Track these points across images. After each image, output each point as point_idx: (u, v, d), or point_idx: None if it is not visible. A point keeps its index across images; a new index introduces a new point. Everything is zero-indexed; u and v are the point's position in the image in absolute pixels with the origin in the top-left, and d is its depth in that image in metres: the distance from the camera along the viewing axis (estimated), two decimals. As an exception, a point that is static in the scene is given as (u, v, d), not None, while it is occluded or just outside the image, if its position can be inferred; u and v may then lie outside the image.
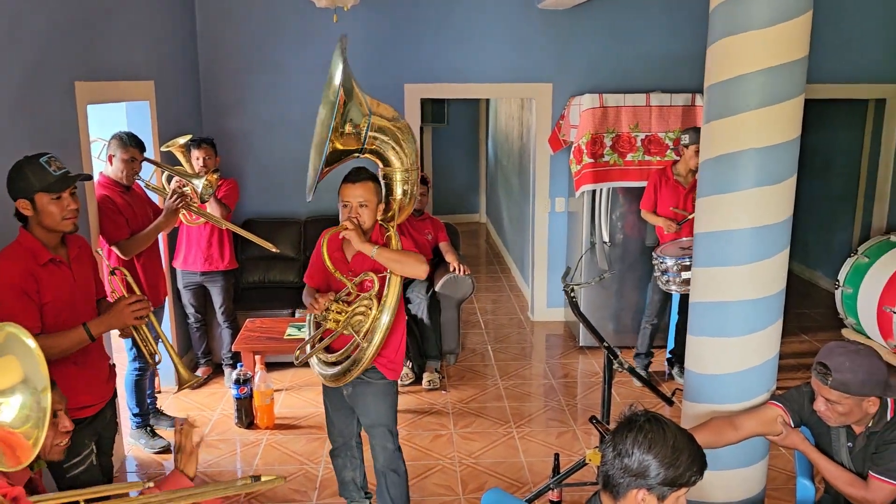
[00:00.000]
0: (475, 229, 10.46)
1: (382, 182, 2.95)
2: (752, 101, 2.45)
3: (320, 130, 2.85)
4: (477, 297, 7.10)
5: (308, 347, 2.99)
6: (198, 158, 4.53)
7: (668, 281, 4.39)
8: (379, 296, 2.85)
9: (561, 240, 6.12)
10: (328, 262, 2.89)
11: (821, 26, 5.81)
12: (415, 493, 3.68)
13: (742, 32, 2.45)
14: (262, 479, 1.99)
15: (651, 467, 1.77)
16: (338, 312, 2.87)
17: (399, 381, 4.92)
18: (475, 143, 10.63)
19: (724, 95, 2.52)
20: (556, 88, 5.86)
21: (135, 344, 3.57)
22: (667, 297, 4.90)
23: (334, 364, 2.96)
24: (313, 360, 3.04)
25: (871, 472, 2.35)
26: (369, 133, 2.79)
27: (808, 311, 6.44)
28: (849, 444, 2.46)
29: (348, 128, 2.71)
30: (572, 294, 3.26)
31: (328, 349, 3.01)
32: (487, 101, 10.07)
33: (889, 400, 2.35)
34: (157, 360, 2.82)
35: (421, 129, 10.06)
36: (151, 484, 1.98)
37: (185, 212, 4.41)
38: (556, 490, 3.51)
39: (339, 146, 2.74)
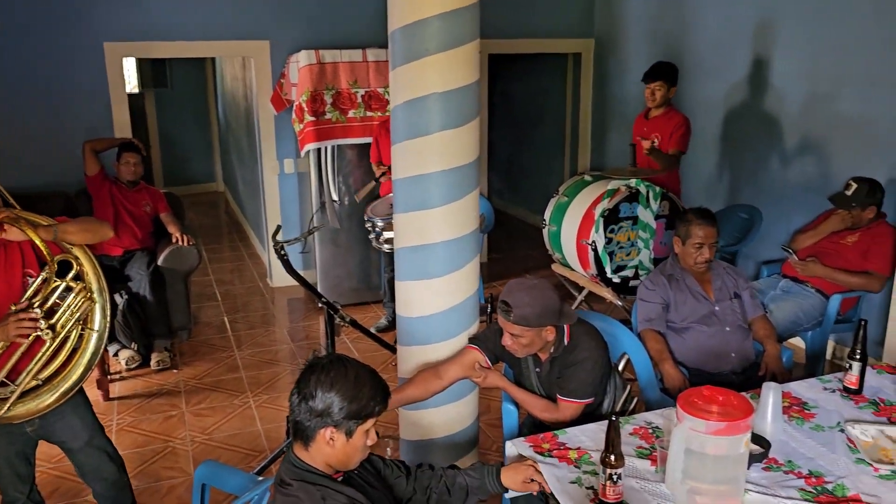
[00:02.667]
0: (213, 199, 9.95)
1: None
2: (432, 46, 2.50)
3: None
4: (214, 269, 6.78)
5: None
6: None
7: (377, 240, 4.43)
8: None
9: (293, 202, 6.00)
10: (48, 254, 2.31)
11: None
12: (142, 481, 3.44)
13: (418, -22, 2.48)
14: None
15: (334, 404, 1.78)
16: (48, 318, 2.33)
17: (124, 365, 4.60)
18: (205, 108, 10.02)
19: (406, 41, 2.55)
20: (273, 46, 5.65)
21: None
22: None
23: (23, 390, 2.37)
24: None
25: (558, 395, 2.58)
26: None
27: (532, 251, 6.96)
28: (537, 370, 2.67)
29: None
30: (283, 252, 3.18)
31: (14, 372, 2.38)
32: (213, 61, 9.52)
33: (565, 326, 2.57)
34: None
35: (141, 94, 9.31)
36: None
37: None
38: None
39: None
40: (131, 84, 9.06)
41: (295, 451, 1.88)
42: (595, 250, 4.28)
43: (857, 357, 2.55)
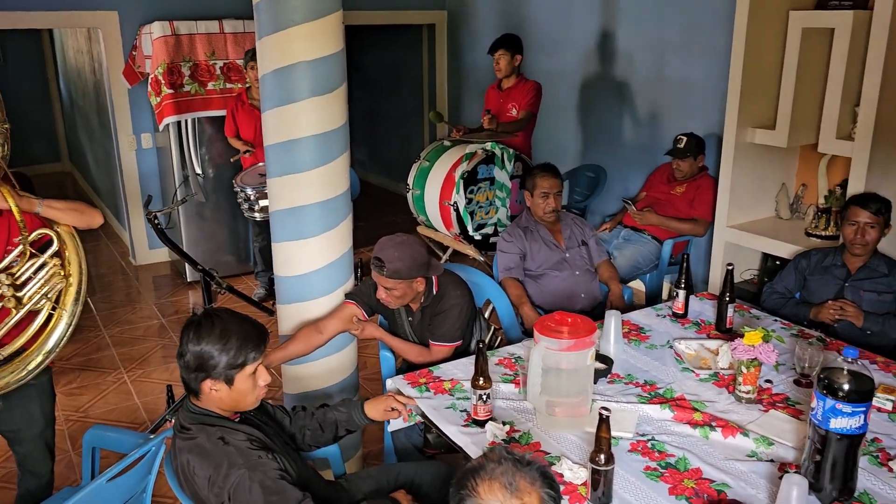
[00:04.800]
0: (59, 179, 9.44)
1: None
2: (297, 16, 2.63)
3: None
4: (69, 251, 6.52)
5: None
6: None
7: (251, 209, 4.52)
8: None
9: (153, 177, 5.89)
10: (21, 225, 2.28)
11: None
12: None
13: (279, -50, 2.59)
14: None
15: (205, 357, 1.91)
16: (13, 287, 2.30)
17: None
18: (44, 83, 9.43)
19: (271, 11, 2.66)
20: (122, 16, 5.49)
21: None
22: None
23: None
24: None
25: (430, 340, 2.83)
26: None
27: (396, 218, 7.19)
28: (409, 319, 2.91)
29: None
30: (157, 222, 3.22)
31: None
32: (51, 33, 8.98)
33: (433, 277, 2.82)
34: None
35: (-31, 69, 8.65)
36: None
37: None
38: (172, 419, 3.53)
39: None
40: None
41: (191, 400, 2.01)
42: (457, 210, 4.57)
43: (683, 286, 2.98)
